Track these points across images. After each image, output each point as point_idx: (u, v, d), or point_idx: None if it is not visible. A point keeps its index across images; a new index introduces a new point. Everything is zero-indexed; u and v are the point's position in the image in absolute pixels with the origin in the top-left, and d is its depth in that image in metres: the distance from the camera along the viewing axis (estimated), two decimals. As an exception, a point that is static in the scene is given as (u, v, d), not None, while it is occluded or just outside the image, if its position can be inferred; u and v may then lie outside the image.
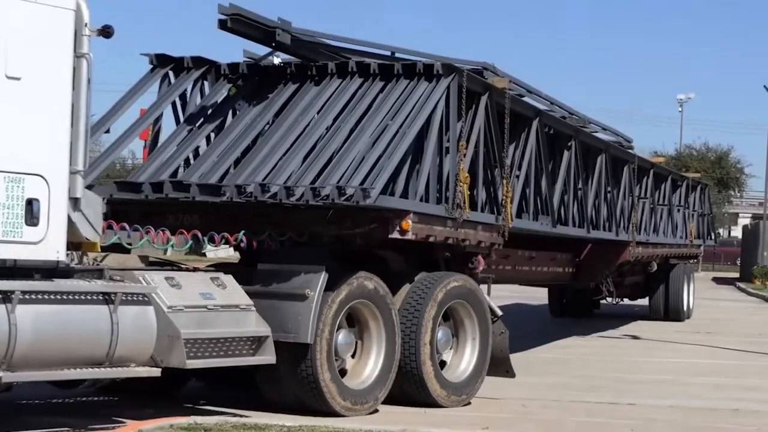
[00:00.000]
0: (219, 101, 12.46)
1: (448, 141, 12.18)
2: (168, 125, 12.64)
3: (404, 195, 11.52)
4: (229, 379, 11.66)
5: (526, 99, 15.66)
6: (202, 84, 12.66)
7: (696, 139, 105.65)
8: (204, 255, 22.22)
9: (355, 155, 10.95)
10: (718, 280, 54.80)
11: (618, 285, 24.52)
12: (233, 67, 12.60)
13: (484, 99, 13.06)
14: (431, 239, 11.70)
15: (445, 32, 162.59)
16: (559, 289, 24.50)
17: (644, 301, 26.68)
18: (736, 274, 58.30)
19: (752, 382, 15.61)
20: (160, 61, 12.42)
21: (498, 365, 12.82)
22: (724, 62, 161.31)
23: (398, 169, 11.42)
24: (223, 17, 11.11)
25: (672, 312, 25.99)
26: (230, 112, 12.44)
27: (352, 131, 11.37)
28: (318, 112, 11.75)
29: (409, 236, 11.12)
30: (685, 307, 26.46)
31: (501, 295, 28.58)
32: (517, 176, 14.54)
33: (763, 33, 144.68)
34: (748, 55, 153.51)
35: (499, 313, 12.90)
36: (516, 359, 17.47)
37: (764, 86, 57.50)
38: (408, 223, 11.04)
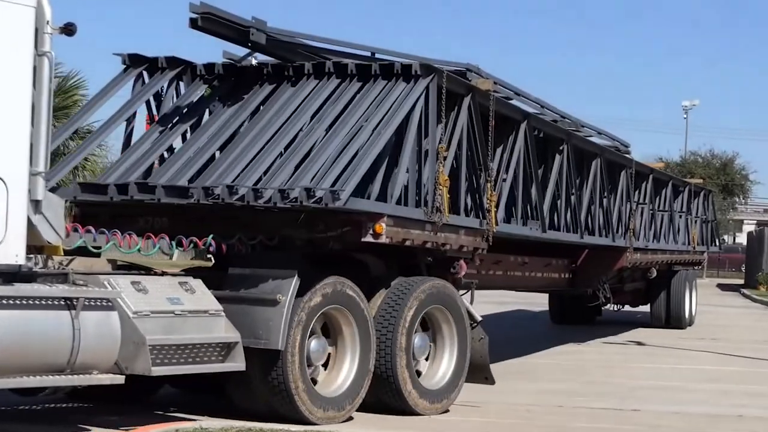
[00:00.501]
0: (194, 102, 12.21)
1: (428, 143, 11.92)
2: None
3: (381, 198, 11.27)
4: (203, 385, 11.43)
5: (513, 102, 15.40)
6: (178, 84, 12.42)
7: (701, 145, 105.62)
8: (210, 260, 22.04)
9: (328, 157, 10.68)
10: (722, 287, 54.79)
11: (618, 291, 24.25)
12: (209, 67, 12.35)
13: (466, 100, 12.79)
14: (408, 243, 11.43)
15: (444, 35, 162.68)
16: (560, 295, 24.19)
17: (647, 308, 26.34)
18: (741, 281, 58.52)
19: (757, 389, 15.57)
20: (133, 60, 12.18)
21: (477, 371, 12.56)
22: (729, 69, 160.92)
23: (373, 171, 11.17)
24: (194, 16, 10.86)
25: (673, 319, 25.61)
26: (205, 113, 12.20)
27: (326, 132, 11.11)
28: (293, 113, 11.48)
29: (383, 240, 10.85)
30: (686, 315, 26.05)
31: (503, 301, 28.87)
32: (504, 180, 14.26)
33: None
34: (754, 61, 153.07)
35: (479, 318, 12.64)
36: (519, 365, 17.63)
37: None
38: (381, 226, 10.77)
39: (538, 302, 26.70)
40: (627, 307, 26.69)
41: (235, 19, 11.22)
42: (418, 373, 11.86)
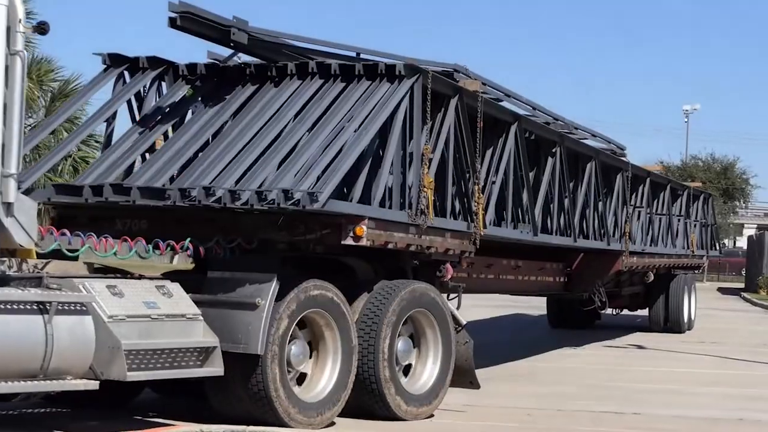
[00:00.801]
0: (175, 102, 12.03)
1: (413, 145, 11.74)
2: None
3: (364, 200, 11.10)
4: (183, 389, 11.25)
5: (504, 103, 15.20)
6: (160, 84, 12.25)
7: (702, 149, 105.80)
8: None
9: (308, 158, 10.49)
10: (723, 291, 55.03)
11: (616, 295, 24.08)
12: (191, 67, 12.18)
13: (453, 101, 12.62)
14: (390, 246, 11.24)
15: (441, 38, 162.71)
16: (558, 299, 23.95)
17: (646, 312, 26.15)
18: (742, 285, 58.63)
19: (757, 392, 15.49)
20: (114, 60, 12.02)
21: (462, 376, 12.38)
22: (730, 73, 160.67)
23: (355, 173, 11.01)
24: (173, 15, 10.69)
25: (672, 323, 25.38)
26: (187, 113, 12.02)
27: (307, 133, 10.92)
28: (274, 114, 11.30)
29: (364, 242, 10.66)
30: (685, 319, 25.82)
31: (502, 305, 28.72)
32: (494, 182, 14.07)
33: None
34: (755, 65, 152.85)
35: (463, 322, 12.46)
36: (519, 368, 17.60)
37: None
38: (362, 229, 10.58)
39: (538, 306, 26.53)
40: (626, 312, 26.57)
41: (216, 18, 11.04)
42: (402, 378, 11.67)
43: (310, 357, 11.00)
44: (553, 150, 16.29)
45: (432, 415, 11.90)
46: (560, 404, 13.45)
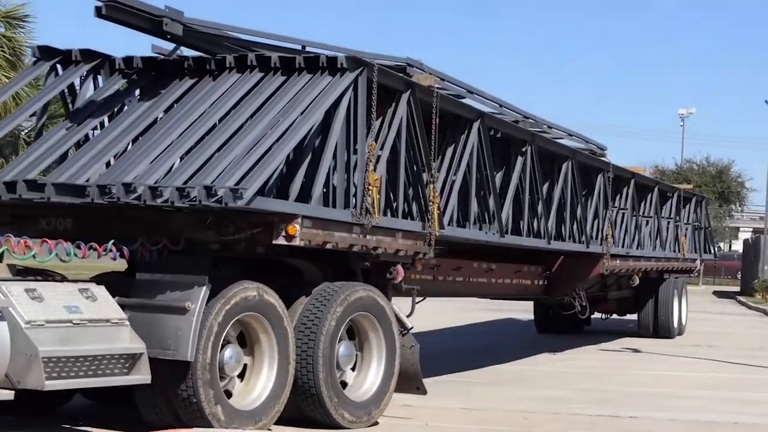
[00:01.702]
0: (109, 96, 11.51)
1: (358, 141, 11.22)
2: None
3: (302, 198, 10.57)
4: (116, 396, 10.75)
5: (466, 100, 14.65)
6: (96, 78, 11.74)
7: (697, 153, 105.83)
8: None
9: (237, 153, 9.95)
10: (718, 294, 55.08)
11: (602, 300, 23.54)
12: (128, 61, 11.66)
13: (405, 97, 12.10)
14: (330, 246, 10.71)
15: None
16: (545, 303, 23.38)
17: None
18: (737, 288, 58.52)
19: (753, 396, 15.44)
20: (44, 53, 11.51)
21: (408, 381, 11.91)
22: (725, 77, 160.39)
23: (293, 169, 10.51)
24: (98, 4, 10.16)
25: (661, 328, 24.75)
26: (121, 108, 11.50)
27: (241, 128, 10.39)
28: (209, 108, 10.77)
29: (297, 242, 10.11)
30: (675, 324, 25.16)
31: (498, 308, 28.29)
32: (454, 181, 13.54)
33: (764, 47, 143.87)
34: (750, 70, 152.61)
35: (409, 325, 11.97)
36: (514, 372, 17.37)
37: (765, 101, 57.30)
38: (295, 228, 10.03)
39: (529, 310, 26.14)
40: (617, 317, 26.12)
41: (146, 8, 10.51)
42: (344, 384, 11.19)
43: (245, 363, 10.50)
44: (524, 149, 15.73)
45: (376, 422, 11.41)
46: (556, 408, 13.31)
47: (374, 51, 12.63)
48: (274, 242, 10.06)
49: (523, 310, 27.97)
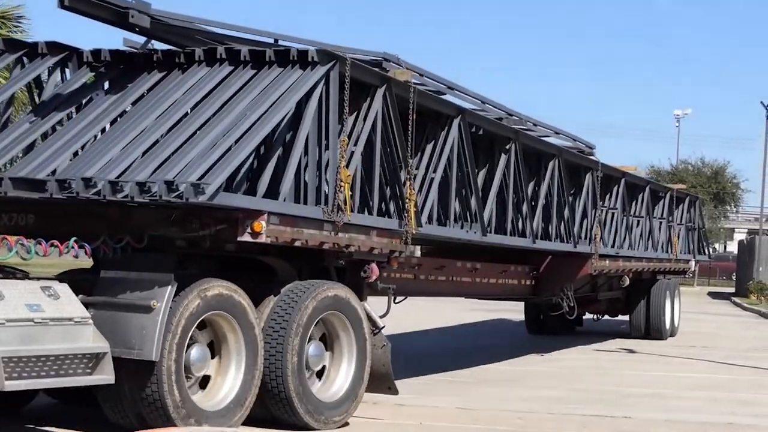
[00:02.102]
0: (76, 89, 11.25)
1: (330, 137, 10.98)
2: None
3: (272, 195, 10.33)
4: (80, 396, 10.51)
5: (447, 96, 14.40)
6: (63, 71, 11.50)
7: (692, 154, 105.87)
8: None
9: (202, 147, 9.70)
10: (713, 295, 55.10)
11: (592, 300, 23.28)
12: (96, 53, 11.42)
13: (380, 92, 11.87)
14: (299, 243, 10.47)
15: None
16: (536, 304, 23.10)
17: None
18: (732, 289, 58.64)
19: (747, 397, 15.40)
20: (9, 46, 11.28)
21: (379, 381, 11.69)
22: (721, 78, 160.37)
23: (261, 165, 10.27)
24: (61, -6, 9.92)
25: (653, 330, 24.50)
26: (87, 101, 11.25)
27: (207, 122, 10.14)
28: (175, 101, 10.52)
29: (263, 239, 9.86)
30: (667, 325, 24.89)
31: (494, 309, 28.08)
32: (433, 178, 13.30)
33: (760, 49, 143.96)
34: (746, 71, 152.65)
35: (381, 325, 11.73)
36: (509, 372, 17.28)
37: (761, 102, 57.46)
38: (260, 224, 9.78)
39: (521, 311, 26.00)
40: (610, 318, 25.93)
41: (112, -2, 10.27)
42: (313, 384, 10.94)
43: (213, 362, 10.26)
44: (507, 146, 15.49)
45: (347, 423, 11.19)
46: (550, 407, 13.25)
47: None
48: (239, 239, 9.82)
49: (514, 311, 27.79)
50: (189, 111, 10.36)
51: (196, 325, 9.91)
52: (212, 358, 10.26)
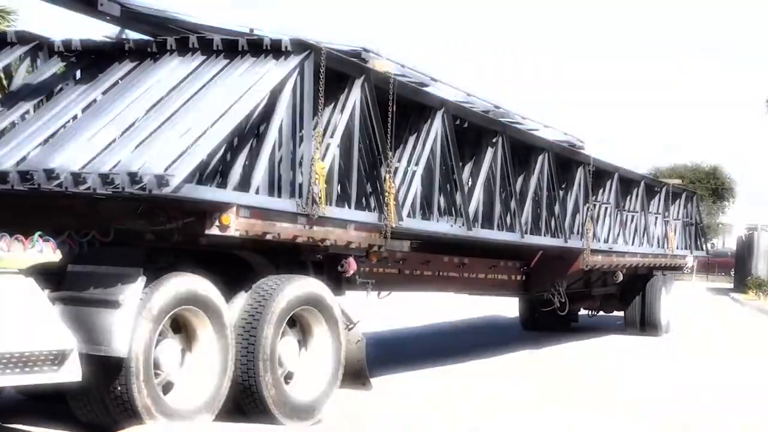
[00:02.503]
0: (45, 79, 11.01)
1: (304, 128, 10.73)
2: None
3: (244, 188, 10.07)
4: (49, 392, 10.26)
5: (430, 89, 14.12)
6: (34, 60, 11.26)
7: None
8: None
9: (169, 138, 9.45)
10: (712, 291, 55.10)
11: (585, 296, 23.02)
12: (67, 43, 11.19)
13: (358, 83, 11.63)
14: (270, 237, 10.22)
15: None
16: (530, 300, 22.83)
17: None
18: (731, 285, 58.77)
19: (745, 393, 15.38)
20: (-22, 36, 11.06)
21: (354, 376, 11.53)
22: (719, 77, 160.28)
23: (233, 157, 10.03)
24: (27, -17, 9.68)
25: (648, 325, 24.26)
26: (57, 91, 11.01)
27: (176, 112, 9.88)
28: (145, 91, 10.27)
29: (232, 233, 9.61)
30: (663, 321, 24.60)
31: (483, 305, 27.84)
32: (415, 171, 13.06)
33: (758, 49, 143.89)
34: (743, 70, 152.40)
35: (356, 319, 11.48)
36: (497, 366, 17.10)
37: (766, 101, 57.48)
38: (228, 217, 9.53)
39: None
40: (608, 313, 25.70)
41: (79, -14, 10.02)
42: (286, 381, 10.73)
43: (183, 359, 10.04)
44: (494, 140, 15.23)
45: (319, 420, 10.98)
46: (541, 401, 13.29)
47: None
48: (207, 232, 9.58)
49: (508, 308, 27.57)
50: (159, 101, 10.09)
51: (165, 320, 9.68)
52: (183, 353, 10.03)
